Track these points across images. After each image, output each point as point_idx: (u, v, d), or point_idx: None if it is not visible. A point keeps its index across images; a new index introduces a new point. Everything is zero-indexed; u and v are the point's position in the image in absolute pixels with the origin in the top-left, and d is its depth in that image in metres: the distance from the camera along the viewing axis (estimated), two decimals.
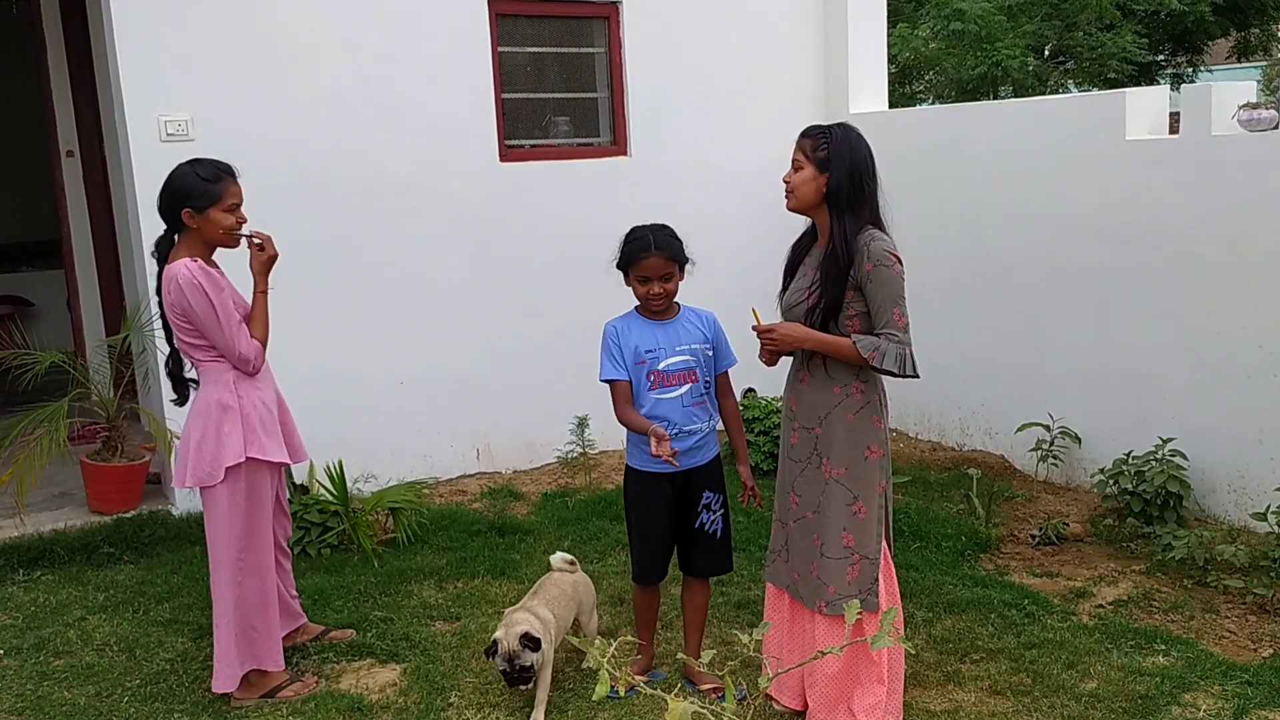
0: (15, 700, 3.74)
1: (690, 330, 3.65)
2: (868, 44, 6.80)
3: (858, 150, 3.29)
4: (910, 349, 3.22)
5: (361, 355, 5.71)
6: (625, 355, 3.57)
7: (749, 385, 6.75)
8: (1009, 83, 13.36)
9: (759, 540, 5.05)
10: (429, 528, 5.20)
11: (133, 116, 5.10)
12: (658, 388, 3.56)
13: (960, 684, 3.74)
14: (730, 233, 6.71)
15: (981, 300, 6.10)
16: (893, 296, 3.21)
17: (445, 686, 3.78)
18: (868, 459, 3.32)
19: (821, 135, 3.31)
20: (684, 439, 3.55)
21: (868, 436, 3.32)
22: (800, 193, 3.32)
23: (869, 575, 3.32)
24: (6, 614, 4.42)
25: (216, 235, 3.58)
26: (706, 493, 3.65)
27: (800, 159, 3.32)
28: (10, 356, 5.21)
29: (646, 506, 3.66)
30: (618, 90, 6.34)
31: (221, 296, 3.52)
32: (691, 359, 3.60)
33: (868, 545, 3.32)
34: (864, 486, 3.32)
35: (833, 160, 3.26)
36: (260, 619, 3.71)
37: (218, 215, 3.55)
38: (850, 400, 3.31)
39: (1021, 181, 5.78)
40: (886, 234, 3.32)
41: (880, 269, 3.20)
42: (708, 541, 3.68)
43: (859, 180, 3.26)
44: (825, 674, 3.41)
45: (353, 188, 5.60)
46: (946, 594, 4.40)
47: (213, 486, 3.57)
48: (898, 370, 3.20)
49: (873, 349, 3.19)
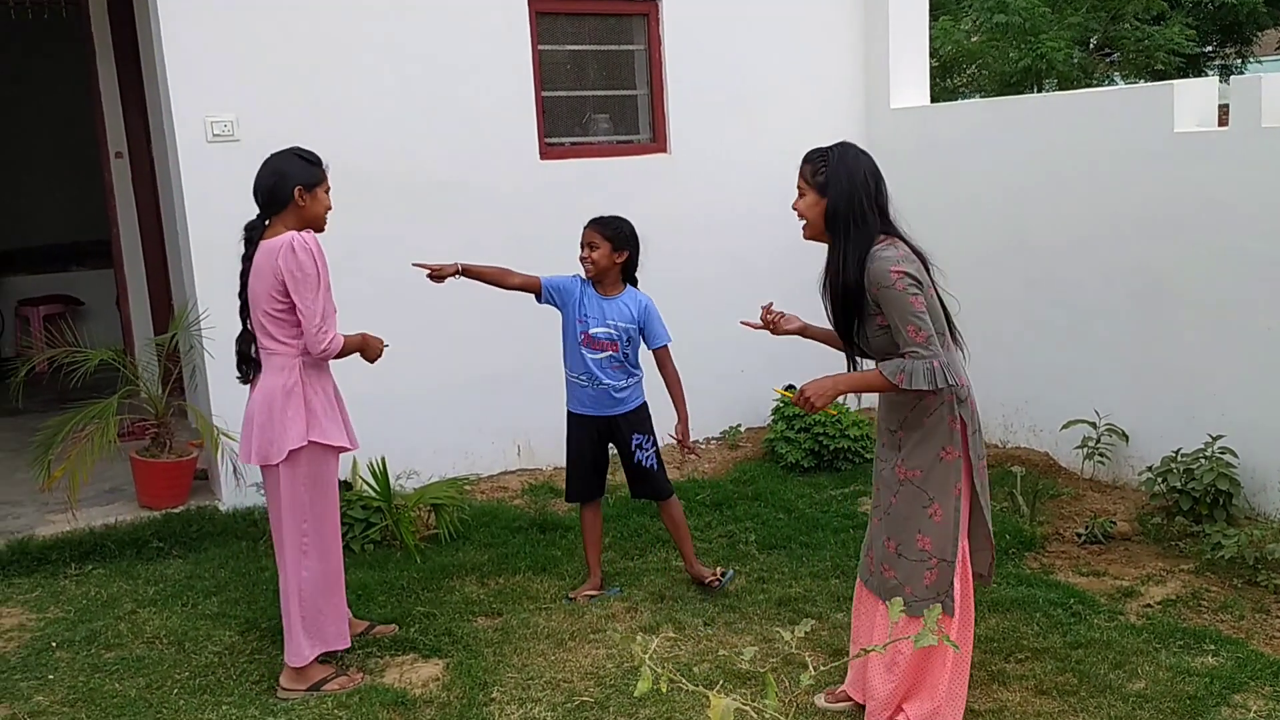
0: (68, 692, 3.82)
1: (621, 310, 4.37)
2: (909, 37, 6.74)
3: (855, 170, 3.26)
4: (938, 360, 3.16)
5: (403, 353, 5.70)
6: (562, 293, 4.40)
7: (789, 383, 6.73)
8: (1053, 76, 13.18)
9: (799, 538, 5.05)
10: (470, 524, 5.23)
11: (180, 118, 5.18)
12: (585, 346, 4.36)
13: (1005, 684, 3.70)
14: (770, 229, 6.65)
15: (1025, 295, 6.03)
16: (902, 315, 3.17)
17: (487, 682, 3.81)
18: (943, 460, 3.29)
19: (820, 159, 3.31)
20: (604, 390, 4.39)
21: (943, 438, 3.28)
22: (809, 217, 3.34)
23: (946, 578, 3.29)
24: (59, 607, 4.51)
25: (319, 213, 3.75)
26: (635, 435, 4.45)
27: (802, 185, 3.34)
28: (62, 354, 5.31)
29: (575, 445, 4.50)
30: (657, 87, 6.34)
31: (326, 270, 3.64)
32: (614, 333, 4.34)
33: (945, 548, 3.29)
34: (939, 488, 3.29)
35: (830, 183, 3.25)
36: (326, 601, 3.81)
37: (322, 195, 3.75)
38: (925, 402, 3.28)
39: (1067, 175, 5.71)
40: (904, 240, 3.29)
41: (883, 290, 3.17)
42: (643, 473, 4.49)
43: (856, 201, 3.23)
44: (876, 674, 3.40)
45: (394, 186, 5.65)
46: (991, 592, 4.35)
47: (274, 466, 3.68)
48: (929, 386, 3.16)
49: (899, 372, 3.17)
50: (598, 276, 4.35)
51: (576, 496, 4.59)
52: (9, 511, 5.31)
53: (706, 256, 6.45)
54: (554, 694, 3.73)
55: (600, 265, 4.32)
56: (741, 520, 5.28)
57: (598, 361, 4.36)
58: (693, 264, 6.35)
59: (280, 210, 3.69)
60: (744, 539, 5.06)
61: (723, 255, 6.49)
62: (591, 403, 4.42)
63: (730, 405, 6.60)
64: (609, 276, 4.36)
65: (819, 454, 5.99)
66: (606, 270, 4.34)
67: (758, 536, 5.07)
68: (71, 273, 9.15)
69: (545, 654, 4.03)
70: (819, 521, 5.23)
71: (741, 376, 6.37)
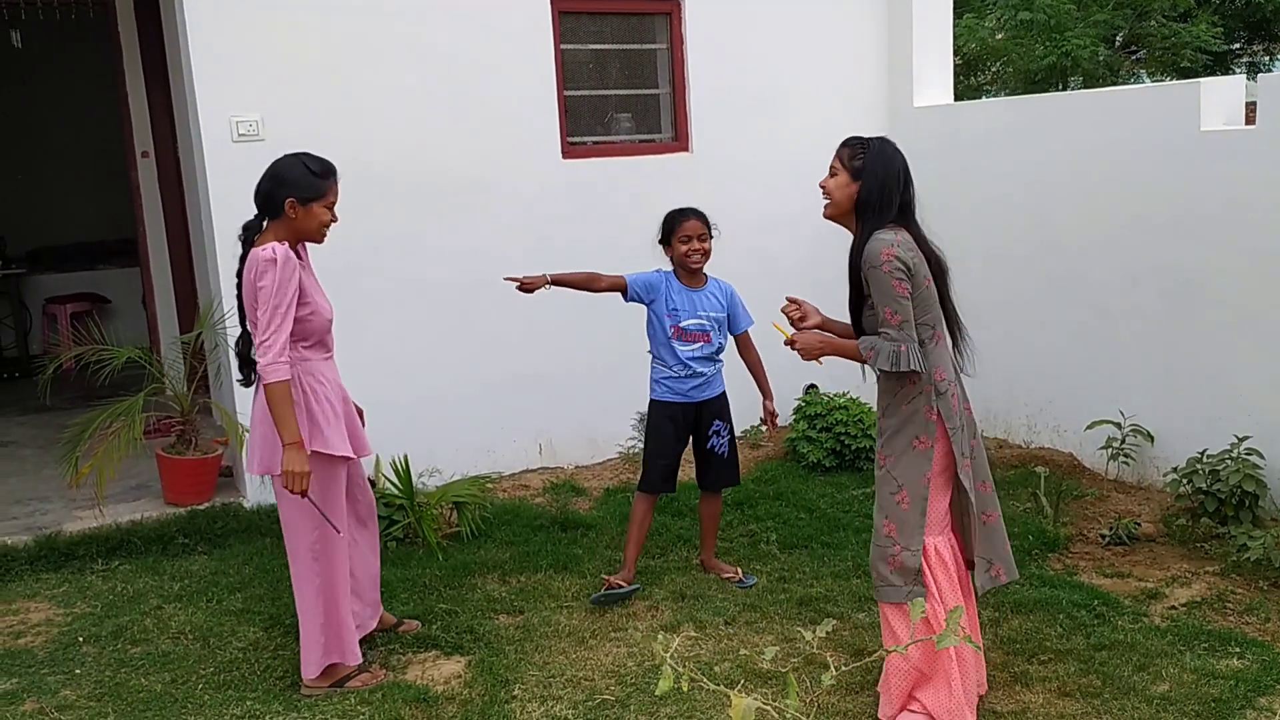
0: (94, 686, 3.86)
1: (710, 300, 4.47)
2: (933, 35, 6.71)
3: (892, 162, 3.38)
4: (907, 344, 3.26)
5: (425, 351, 5.78)
6: (648, 289, 4.47)
7: (811, 382, 6.72)
8: (1079, 73, 13.08)
9: (820, 538, 5.04)
10: (492, 522, 5.25)
11: (205, 117, 5.22)
12: (678, 339, 4.43)
13: (1028, 685, 3.68)
14: (792, 228, 6.67)
15: (1050, 295, 6.00)
16: (883, 296, 3.27)
17: (509, 679, 3.82)
18: (915, 448, 3.35)
19: (860, 145, 3.42)
20: (696, 378, 4.47)
21: (916, 427, 3.35)
22: (836, 198, 3.44)
23: (910, 567, 3.34)
24: (86, 602, 4.56)
25: (311, 229, 3.66)
26: (716, 421, 4.54)
27: (837, 166, 3.45)
28: (89, 352, 5.36)
29: (658, 429, 4.52)
30: (679, 86, 6.34)
31: (287, 286, 3.52)
32: (707, 324, 4.44)
33: (910, 536, 3.35)
34: (908, 476, 3.36)
35: (866, 170, 3.36)
36: (336, 611, 3.78)
37: (318, 210, 3.65)
38: (904, 390, 3.36)
39: (1092, 174, 5.67)
40: (917, 234, 3.39)
41: (871, 270, 3.29)
42: (718, 460, 4.57)
43: (888, 192, 3.35)
44: (892, 668, 3.43)
45: (417, 185, 5.68)
46: (1013, 593, 4.34)
47: (279, 476, 3.63)
48: (890, 367, 3.26)
49: (869, 348, 3.31)
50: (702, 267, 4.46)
51: (655, 487, 4.58)
52: (37, 507, 5.37)
53: (728, 255, 6.38)
54: (575, 692, 3.74)
55: (708, 256, 4.46)
56: (763, 520, 5.28)
57: (690, 353, 4.44)
58: (714, 263, 6.31)
59: (273, 217, 3.64)
60: (765, 538, 5.06)
61: (744, 254, 6.44)
62: (683, 391, 4.48)
63: (751, 404, 6.54)
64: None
65: (841, 454, 5.98)
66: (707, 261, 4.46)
67: (779, 536, 5.07)
68: (98, 271, 9.24)
69: (566, 652, 4.04)
70: (840, 521, 5.22)
71: None
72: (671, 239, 4.46)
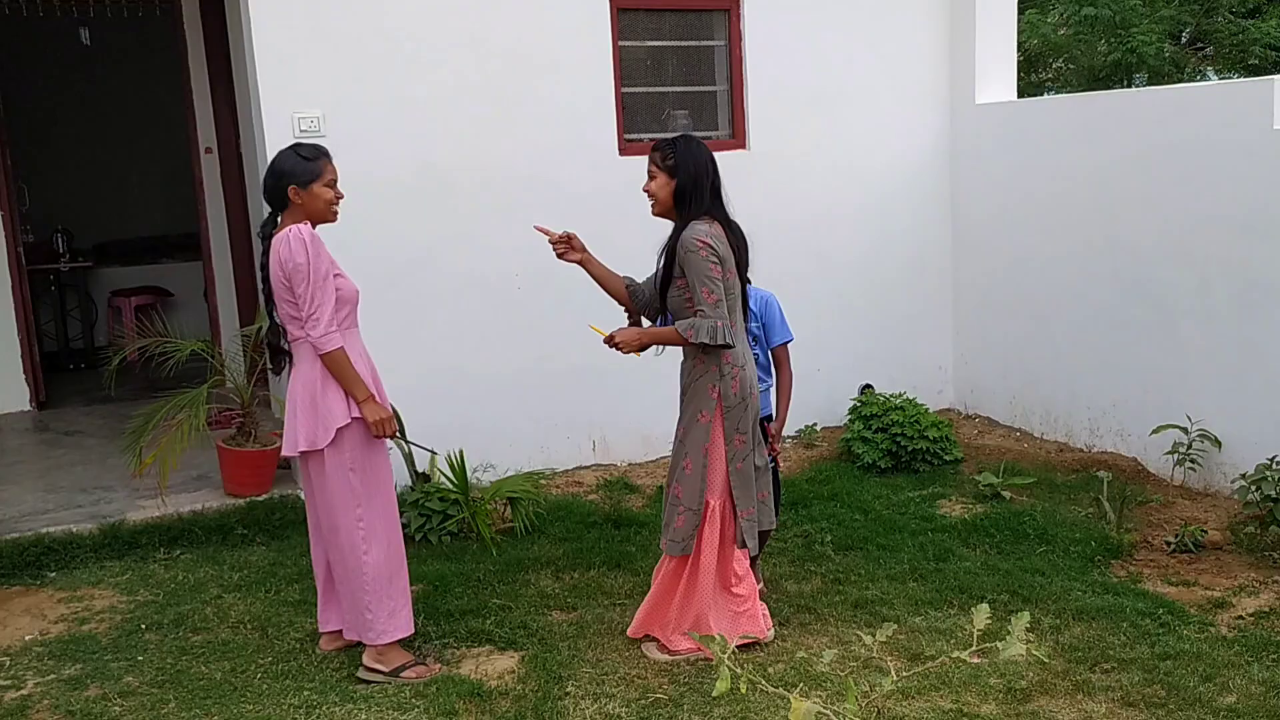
0: (156, 673, 3.92)
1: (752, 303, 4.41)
2: (997, 30, 6.60)
3: (699, 155, 3.80)
4: (722, 321, 3.69)
5: (482, 346, 5.81)
6: None
7: (867, 382, 6.66)
8: (1144, 70, 12.81)
9: (876, 540, 4.98)
10: (546, 518, 5.26)
11: (268, 113, 5.28)
12: None
13: (1090, 694, 3.61)
14: (850, 227, 6.64)
15: (1115, 295, 5.88)
16: (700, 277, 3.69)
17: (562, 676, 3.82)
18: (699, 421, 3.85)
19: (669, 146, 3.83)
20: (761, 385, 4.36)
21: (700, 402, 3.84)
22: (660, 197, 3.84)
23: (690, 524, 3.87)
24: (148, 590, 4.64)
25: (319, 208, 3.74)
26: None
27: (654, 169, 3.84)
28: (153, 344, 5.45)
29: None
30: (737, 83, 6.30)
31: (320, 260, 3.64)
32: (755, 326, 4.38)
33: (691, 498, 3.86)
34: (693, 446, 3.86)
35: (679, 166, 3.78)
36: (393, 585, 3.84)
37: (320, 189, 3.72)
38: (696, 368, 3.86)
39: (1160, 173, 5.54)
40: (726, 224, 3.81)
41: (688, 254, 3.71)
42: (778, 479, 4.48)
43: (700, 181, 3.77)
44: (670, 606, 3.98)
45: (475, 181, 5.70)
46: (1075, 600, 4.26)
47: (320, 452, 3.70)
48: (710, 341, 3.69)
49: (689, 328, 3.72)
50: None
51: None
52: (102, 496, 5.48)
53: (784, 254, 6.38)
54: (628, 690, 3.74)
55: None
56: (817, 520, 5.23)
57: None
58: (770, 261, 6.24)
59: (284, 209, 3.76)
60: (820, 539, 5.01)
61: (801, 252, 6.43)
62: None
63: (806, 404, 6.50)
64: None
65: (896, 454, 5.91)
66: None
67: (834, 537, 5.02)
68: (162, 265, 9.41)
69: (619, 650, 4.03)
70: (896, 523, 5.16)
71: (818, 375, 6.30)
72: None
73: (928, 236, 6.83)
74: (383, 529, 3.84)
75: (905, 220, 6.77)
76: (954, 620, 4.16)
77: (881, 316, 6.72)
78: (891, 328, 6.74)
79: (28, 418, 7.29)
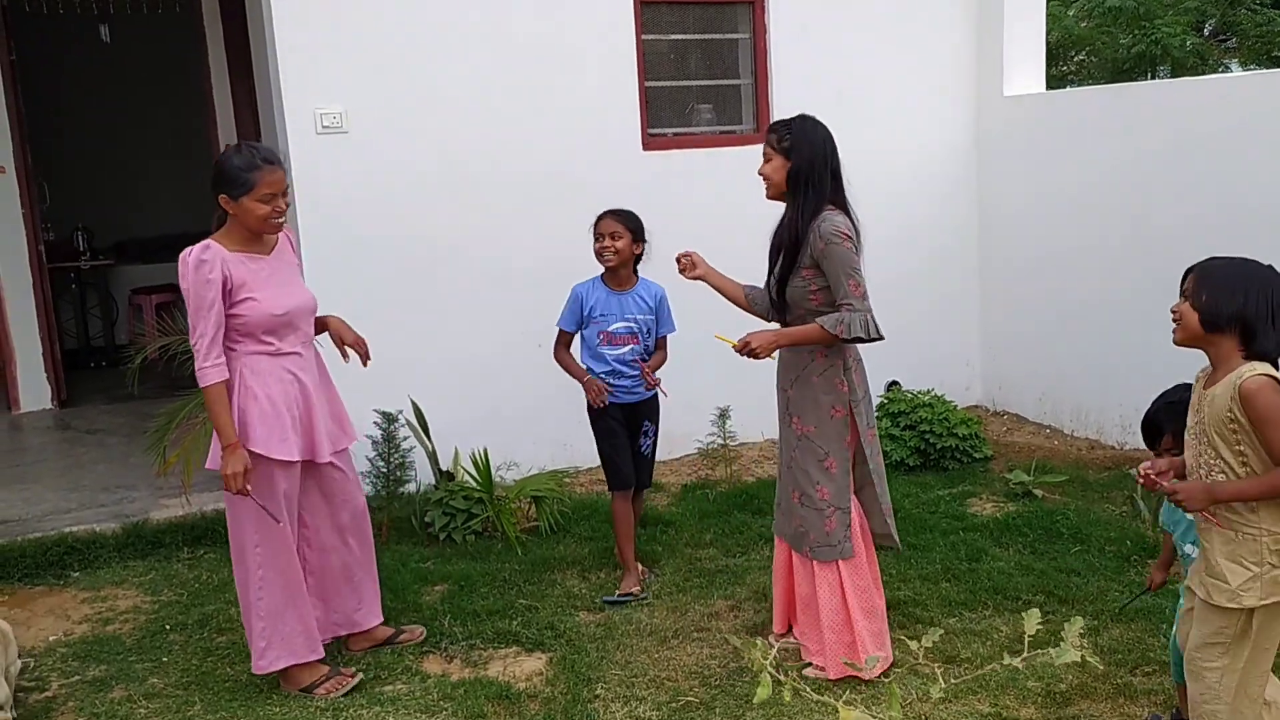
0: (181, 674, 3.89)
1: (637, 303, 4.45)
2: (1025, 21, 6.49)
3: (816, 136, 3.64)
4: (871, 314, 3.54)
5: (506, 343, 5.75)
6: (580, 313, 4.46)
7: (893, 378, 6.58)
8: (1168, 62, 12.66)
9: (906, 539, 4.87)
10: (571, 517, 5.21)
11: (290, 110, 5.23)
12: (606, 344, 4.42)
13: (1132, 698, 3.53)
14: (876, 221, 6.41)
15: (1148, 290, 5.75)
16: (845, 269, 3.52)
17: (591, 678, 3.77)
18: (833, 417, 3.67)
19: (785, 128, 3.67)
20: (626, 379, 4.44)
21: (831, 397, 3.65)
22: (774, 180, 3.67)
23: (843, 525, 3.68)
24: (172, 590, 4.60)
25: (250, 223, 3.52)
26: (646, 422, 4.58)
27: (769, 151, 3.68)
28: (175, 342, 5.41)
29: (609, 429, 4.49)
30: (762, 77, 6.22)
31: (203, 288, 3.42)
32: (634, 326, 4.42)
33: (841, 497, 3.68)
34: (832, 443, 3.67)
35: (794, 148, 3.61)
36: (289, 612, 3.64)
37: (250, 204, 3.48)
38: (816, 363, 3.65)
39: (1194, 165, 5.44)
40: (849, 212, 3.64)
41: (831, 246, 3.52)
42: (644, 460, 4.62)
43: (818, 165, 3.60)
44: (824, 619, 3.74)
45: (498, 177, 5.64)
46: (1112, 601, 4.17)
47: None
48: (865, 335, 3.53)
49: (838, 324, 3.51)
50: (618, 267, 4.40)
51: (628, 483, 4.53)
52: (125, 495, 5.45)
53: None
54: (658, 693, 3.67)
55: (623, 255, 4.39)
56: None
57: (619, 356, 4.43)
58: None
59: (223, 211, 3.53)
60: None
61: None
62: (620, 391, 4.46)
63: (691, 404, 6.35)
64: (626, 268, 4.44)
65: (925, 452, 5.83)
66: (626, 261, 4.41)
67: None
68: None
69: (649, 651, 3.97)
70: (926, 522, 5.08)
71: None
72: (594, 237, 4.47)
73: (955, 230, 6.74)
74: (276, 557, 3.60)
75: (932, 213, 6.68)
76: (989, 622, 4.08)
77: (907, 311, 6.61)
78: (918, 323, 6.63)
79: (50, 416, 7.29)
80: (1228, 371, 2.73)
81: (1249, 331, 2.71)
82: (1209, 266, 2.87)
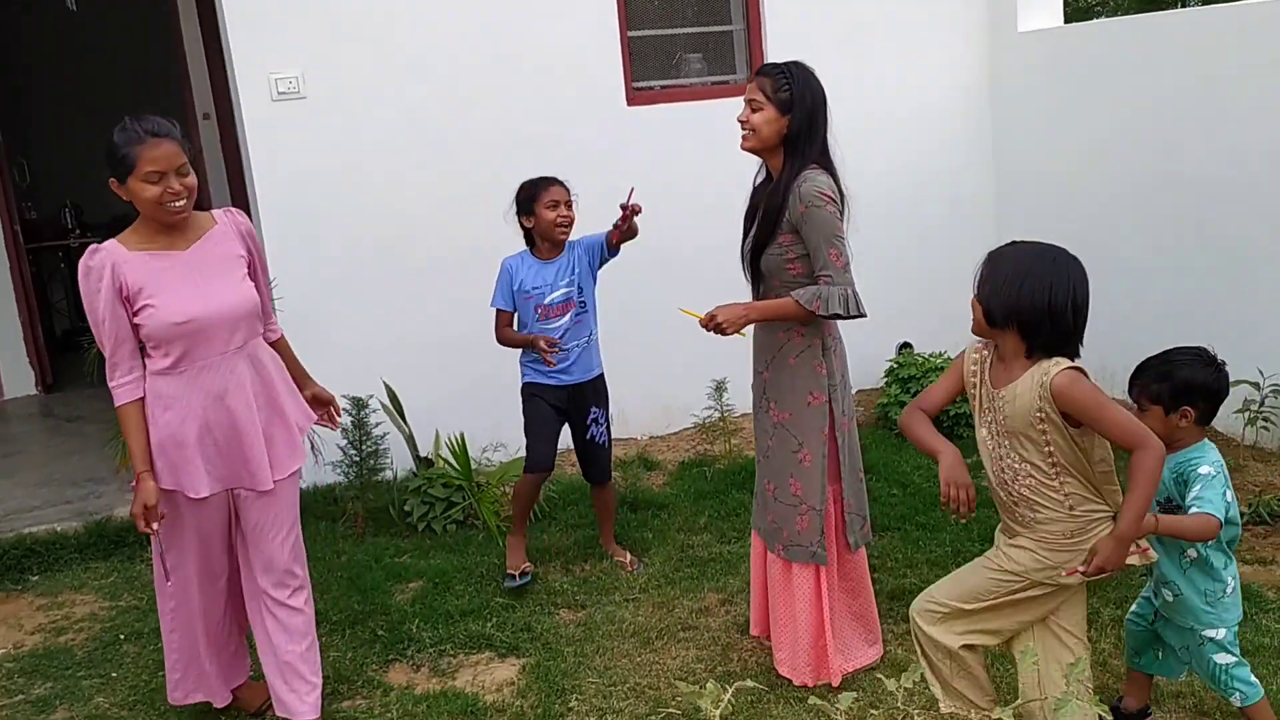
0: (129, 693, 3.64)
1: (561, 264, 4.11)
2: None
3: (817, 91, 3.28)
4: (852, 288, 3.18)
5: (484, 317, 5.41)
6: (513, 289, 4.13)
7: (904, 340, 6.21)
8: None
9: (915, 518, 4.58)
10: (557, 502, 4.91)
11: (243, 75, 4.91)
12: (544, 319, 4.09)
13: (1157, 702, 3.19)
14: (883, 173, 6.12)
15: (1175, 238, 5.35)
16: (827, 237, 3.17)
17: (565, 688, 3.48)
18: (811, 405, 3.32)
19: (782, 75, 3.25)
20: (568, 353, 4.10)
21: (809, 382, 3.31)
22: (763, 133, 3.26)
23: (816, 526, 3.33)
24: (132, 594, 4.36)
25: (146, 209, 3.00)
26: (593, 409, 4.21)
27: (760, 99, 3.25)
28: None
29: (537, 414, 4.16)
30: (754, 22, 5.80)
31: (94, 299, 2.95)
32: (570, 289, 4.09)
33: (813, 494, 3.32)
34: (808, 433, 3.31)
35: (795, 102, 3.22)
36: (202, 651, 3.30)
37: (136, 186, 2.95)
38: (793, 342, 3.31)
39: (1225, 100, 4.99)
40: (833, 174, 3.28)
41: (812, 210, 3.16)
42: (597, 451, 4.26)
43: (818, 122, 3.26)
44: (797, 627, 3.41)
45: (470, 139, 5.30)
46: (1138, 585, 3.81)
47: None
48: (844, 312, 3.18)
49: (815, 299, 3.17)
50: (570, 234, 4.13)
51: (542, 465, 4.19)
52: (92, 490, 5.21)
53: None
54: (638, 703, 3.38)
55: (573, 223, 4.13)
56: None
57: (559, 328, 4.11)
58: None
59: None
60: None
61: None
62: (550, 372, 4.14)
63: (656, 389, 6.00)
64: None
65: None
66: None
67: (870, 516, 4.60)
68: None
69: (630, 654, 3.67)
70: (936, 498, 4.69)
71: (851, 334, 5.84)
72: (535, 207, 4.08)
73: (968, 179, 6.31)
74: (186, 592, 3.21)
75: (943, 163, 6.25)
76: None
77: (919, 268, 6.23)
78: (930, 280, 6.23)
79: (34, 402, 7.09)
80: (1018, 370, 2.61)
81: (1026, 328, 2.57)
82: (997, 256, 2.67)
